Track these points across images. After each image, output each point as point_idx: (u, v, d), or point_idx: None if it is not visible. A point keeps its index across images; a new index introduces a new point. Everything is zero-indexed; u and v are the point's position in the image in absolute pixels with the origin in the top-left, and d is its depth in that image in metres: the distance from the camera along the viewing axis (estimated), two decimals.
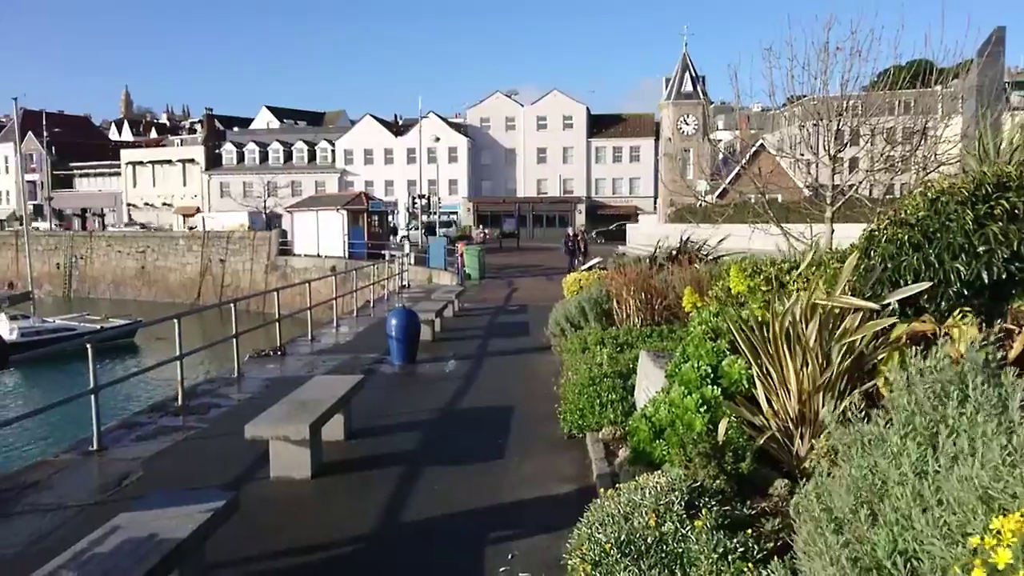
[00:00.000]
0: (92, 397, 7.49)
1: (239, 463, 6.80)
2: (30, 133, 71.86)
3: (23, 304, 34.33)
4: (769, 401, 5.22)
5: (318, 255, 39.49)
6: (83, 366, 7.68)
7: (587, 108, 74.78)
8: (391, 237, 42.27)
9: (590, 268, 18.35)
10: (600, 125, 75.25)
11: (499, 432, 7.82)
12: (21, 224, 45.93)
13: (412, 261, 31.76)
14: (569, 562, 3.94)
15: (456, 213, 68.80)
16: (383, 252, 33.57)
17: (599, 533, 3.93)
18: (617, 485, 4.78)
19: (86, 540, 3.89)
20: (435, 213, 50.81)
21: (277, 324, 13.12)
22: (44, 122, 71.94)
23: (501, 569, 4.70)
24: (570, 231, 23.96)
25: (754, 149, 29.74)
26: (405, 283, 27.15)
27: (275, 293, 13.66)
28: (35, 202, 71.62)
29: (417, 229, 45.65)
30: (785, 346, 5.04)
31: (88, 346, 7.53)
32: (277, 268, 43.36)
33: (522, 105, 74.44)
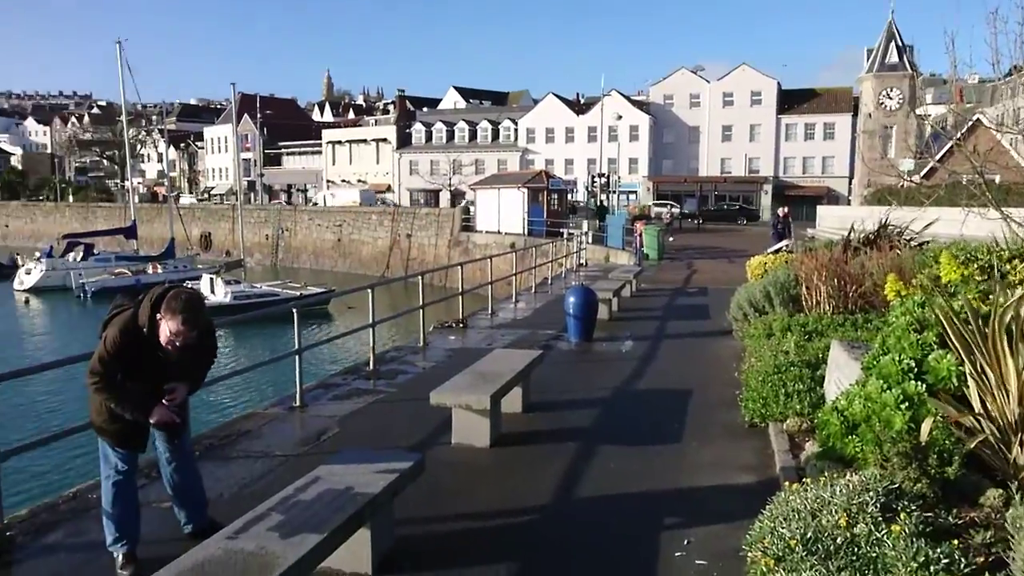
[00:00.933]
0: (296, 358, 8.16)
1: (424, 427, 7.15)
2: (246, 115, 78.79)
3: (236, 270, 38.02)
4: (983, 402, 4.74)
5: (498, 232, 40.49)
6: (281, 329, 8.38)
7: (778, 83, 71.04)
8: (570, 215, 42.52)
9: (777, 251, 17.51)
10: (791, 100, 71.27)
11: (676, 415, 7.69)
12: (248, 198, 50.98)
13: (590, 240, 31.76)
14: (749, 554, 3.80)
15: (635, 192, 68.04)
16: (561, 230, 33.85)
17: (783, 528, 3.76)
18: (803, 480, 4.55)
19: (291, 487, 4.24)
20: (614, 192, 50.54)
21: (460, 297, 13.62)
22: (258, 105, 78.69)
23: (676, 554, 4.63)
24: (780, 212, 22.79)
25: (969, 124, 26.93)
26: (582, 261, 27.24)
27: (459, 267, 14.18)
28: (249, 178, 78.60)
29: (592, 208, 45.63)
30: (1006, 343, 4.55)
31: (294, 311, 8.21)
32: (460, 243, 44.92)
33: (708, 81, 71.97)
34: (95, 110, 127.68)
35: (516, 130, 76.65)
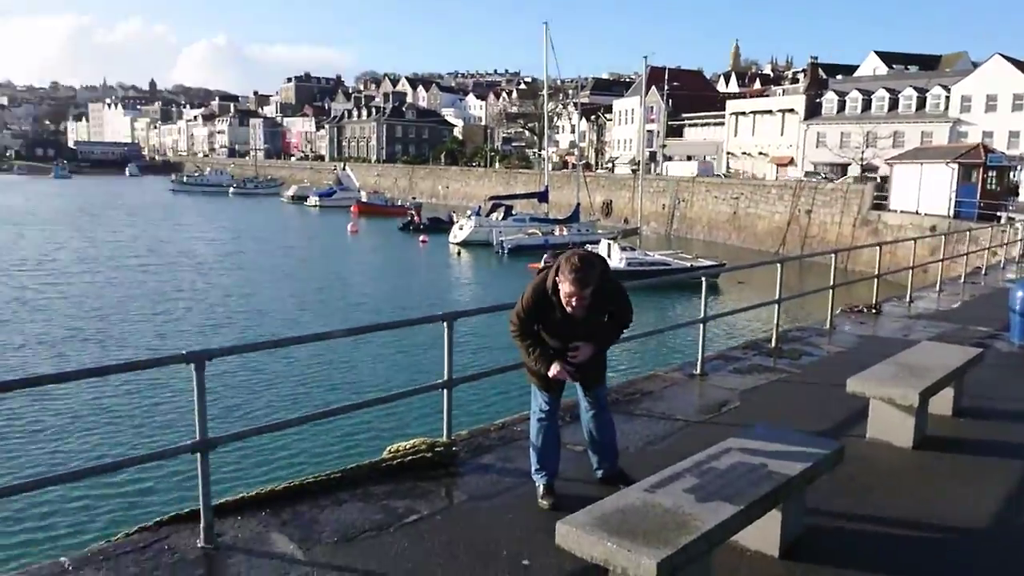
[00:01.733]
0: (701, 326, 8.20)
1: (832, 415, 6.70)
2: (653, 87, 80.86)
3: (631, 238, 39.51)
4: None
5: (916, 212, 36.16)
6: (671, 297, 8.43)
7: None
8: (1011, 197, 36.25)
9: None
10: None
11: None
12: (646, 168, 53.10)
13: None
14: None
15: None
16: (998, 213, 29.04)
17: None
18: None
19: (703, 453, 4.26)
20: None
21: (875, 281, 12.46)
22: (665, 77, 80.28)
23: None
24: None
25: None
26: None
27: (876, 248, 12.98)
28: (651, 149, 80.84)
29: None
30: None
31: (703, 280, 8.24)
32: (868, 223, 41.07)
33: None
34: (521, 86, 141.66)
35: (947, 98, 67.04)
